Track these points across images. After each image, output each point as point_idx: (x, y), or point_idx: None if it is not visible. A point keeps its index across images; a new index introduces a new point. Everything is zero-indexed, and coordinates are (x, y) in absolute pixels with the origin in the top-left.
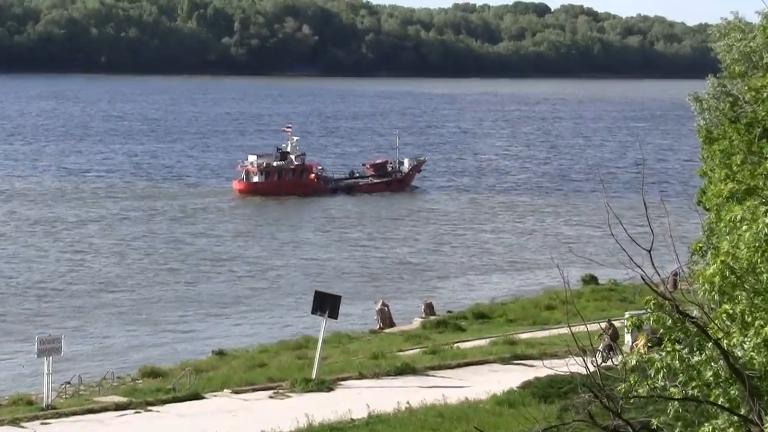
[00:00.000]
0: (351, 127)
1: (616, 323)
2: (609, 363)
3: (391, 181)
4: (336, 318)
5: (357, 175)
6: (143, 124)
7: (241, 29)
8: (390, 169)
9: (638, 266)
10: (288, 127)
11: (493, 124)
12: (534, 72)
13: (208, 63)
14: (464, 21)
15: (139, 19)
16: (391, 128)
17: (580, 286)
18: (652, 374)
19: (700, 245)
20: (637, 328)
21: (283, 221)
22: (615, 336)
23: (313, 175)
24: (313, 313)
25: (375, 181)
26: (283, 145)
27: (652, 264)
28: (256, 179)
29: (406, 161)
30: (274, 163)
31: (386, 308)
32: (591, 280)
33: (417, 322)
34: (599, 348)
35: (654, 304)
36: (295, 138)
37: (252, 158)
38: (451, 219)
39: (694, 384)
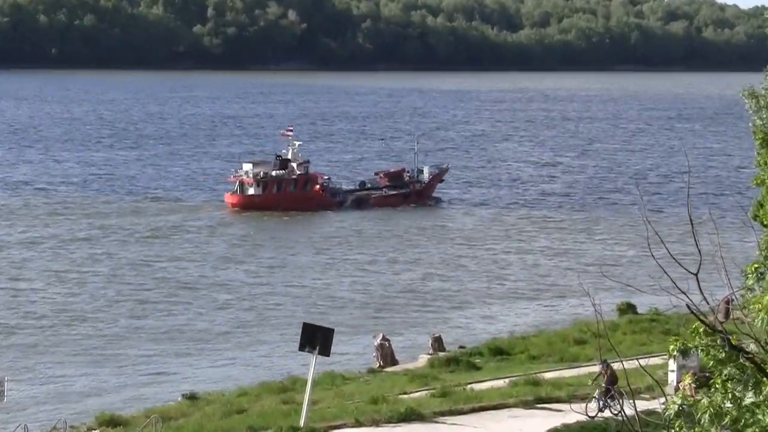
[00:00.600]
0: (347, 130)
1: (655, 359)
2: (608, 412)
3: (409, 193)
4: (328, 355)
5: (369, 186)
6: (101, 128)
7: (215, 16)
8: (407, 178)
9: (684, 292)
10: (289, 130)
11: (514, 126)
12: (561, 64)
13: (178, 55)
14: (478, 5)
15: (95, 4)
16: (394, 131)
17: (616, 316)
18: (700, 419)
19: (756, 266)
20: (682, 354)
21: (277, 240)
22: (613, 380)
23: (318, 186)
24: (300, 349)
25: (390, 193)
26: (283, 151)
27: (700, 290)
28: (251, 191)
29: (426, 169)
30: (273, 173)
31: (387, 343)
32: (628, 309)
33: (423, 360)
34: (594, 395)
35: (703, 332)
36: (297, 143)
37: (247, 167)
38: (467, 237)
39: (749, 430)
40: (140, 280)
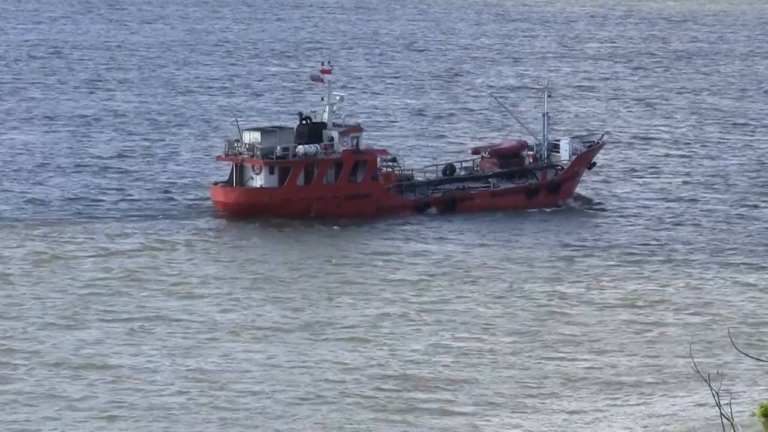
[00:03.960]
0: (269, 74)
1: None
2: None
3: (537, 187)
4: None
5: (463, 173)
6: None
7: None
8: (530, 160)
9: None
10: (326, 70)
11: (605, 68)
12: None
13: None
14: None
15: None
16: (355, 79)
17: (760, 425)
18: None
19: None
20: None
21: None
22: None
23: (377, 173)
24: None
25: (503, 186)
26: (313, 111)
27: None
28: (259, 182)
29: (564, 144)
30: (300, 149)
31: None
32: None
33: None
34: None
35: None
36: (338, 96)
37: (252, 137)
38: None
39: None
40: None
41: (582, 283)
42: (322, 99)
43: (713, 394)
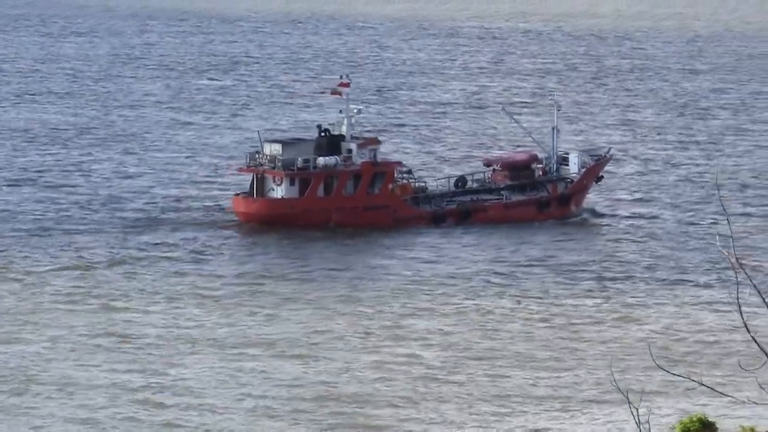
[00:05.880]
0: (209, 86)
1: None
2: None
3: (547, 199)
4: None
5: (475, 185)
6: None
7: None
8: (540, 173)
9: None
10: (344, 83)
11: (537, 80)
12: None
13: None
14: None
15: None
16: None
17: None
18: None
19: None
20: None
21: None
22: None
23: (393, 186)
24: None
25: (515, 198)
26: (330, 124)
27: None
28: (280, 192)
29: (573, 157)
30: (321, 161)
31: None
32: (703, 429)
33: None
34: None
35: None
36: (356, 108)
37: (273, 149)
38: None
39: None
40: None
41: (556, 300)
42: (341, 112)
43: (632, 412)
